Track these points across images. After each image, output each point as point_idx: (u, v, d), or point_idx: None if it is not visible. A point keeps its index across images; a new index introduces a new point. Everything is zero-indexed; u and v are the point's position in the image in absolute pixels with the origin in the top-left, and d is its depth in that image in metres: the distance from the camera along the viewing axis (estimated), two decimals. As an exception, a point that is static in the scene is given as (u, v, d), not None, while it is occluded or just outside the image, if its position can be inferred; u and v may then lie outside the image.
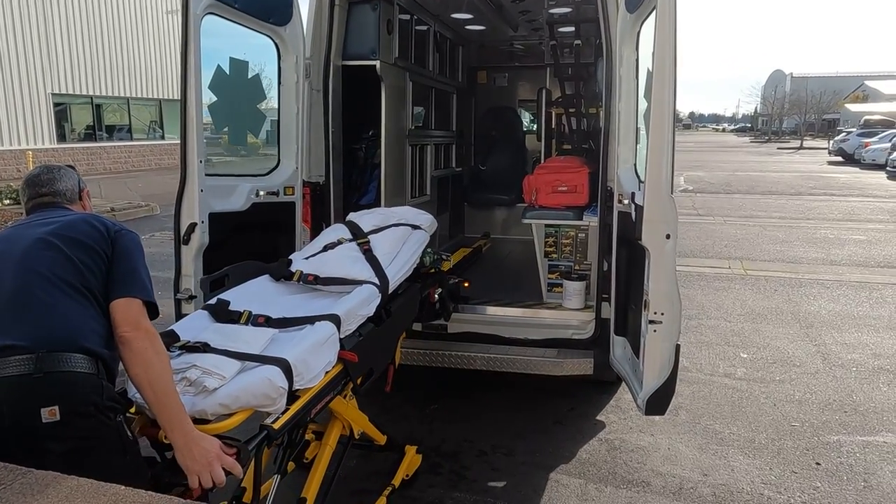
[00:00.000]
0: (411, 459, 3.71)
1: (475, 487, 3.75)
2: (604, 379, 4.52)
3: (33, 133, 22.14)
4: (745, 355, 5.88)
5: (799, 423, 4.55)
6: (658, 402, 3.14)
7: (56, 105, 23.03)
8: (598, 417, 4.64)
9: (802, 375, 5.40)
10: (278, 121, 4.25)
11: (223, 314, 2.66)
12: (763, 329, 6.62)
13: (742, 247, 11.00)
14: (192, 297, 3.57)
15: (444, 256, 4.10)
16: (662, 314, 3.08)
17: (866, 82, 66.64)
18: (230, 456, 2.01)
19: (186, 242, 3.55)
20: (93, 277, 2.06)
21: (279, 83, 4.22)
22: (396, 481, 3.52)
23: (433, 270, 3.82)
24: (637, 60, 3.79)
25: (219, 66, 3.79)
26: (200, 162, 3.52)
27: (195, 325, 2.56)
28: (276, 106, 4.24)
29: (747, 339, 6.30)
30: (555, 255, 4.78)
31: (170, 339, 2.33)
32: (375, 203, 4.99)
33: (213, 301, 2.74)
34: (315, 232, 4.52)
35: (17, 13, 20.91)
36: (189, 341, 2.35)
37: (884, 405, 4.83)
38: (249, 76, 4.07)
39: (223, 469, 1.97)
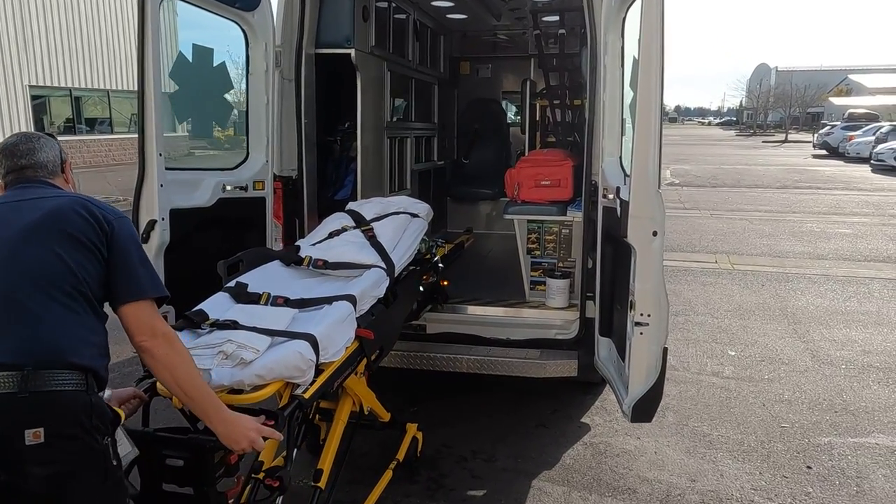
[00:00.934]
0: (414, 437, 3.77)
1: (454, 496, 3.58)
2: (589, 380, 4.36)
3: (10, 126, 21.58)
4: (733, 353, 5.75)
5: (789, 424, 4.42)
6: (644, 409, 2.98)
7: (34, 98, 22.50)
8: (582, 420, 4.49)
9: (791, 374, 5.28)
10: (247, 112, 4.03)
11: (243, 296, 2.77)
12: (751, 325, 6.50)
13: (729, 241, 10.90)
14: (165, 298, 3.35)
15: (439, 243, 4.27)
16: (649, 315, 2.91)
17: (850, 76, 67.05)
18: (268, 426, 2.16)
19: (146, 241, 3.32)
20: (87, 278, 1.91)
21: (247, 72, 4.00)
22: (401, 455, 3.61)
23: (428, 256, 3.90)
24: (622, 48, 3.61)
25: (181, 52, 3.57)
26: (160, 155, 3.29)
27: (220, 305, 2.66)
28: (244, 97, 4.02)
29: (735, 336, 6.18)
30: (538, 252, 4.60)
31: (199, 317, 2.47)
32: (352, 198, 4.78)
33: (231, 284, 2.85)
34: (287, 228, 4.34)
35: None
36: (218, 319, 2.47)
37: (875, 405, 4.71)
38: (215, 64, 3.85)
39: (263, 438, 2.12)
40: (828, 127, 37.69)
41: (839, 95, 60.67)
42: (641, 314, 2.93)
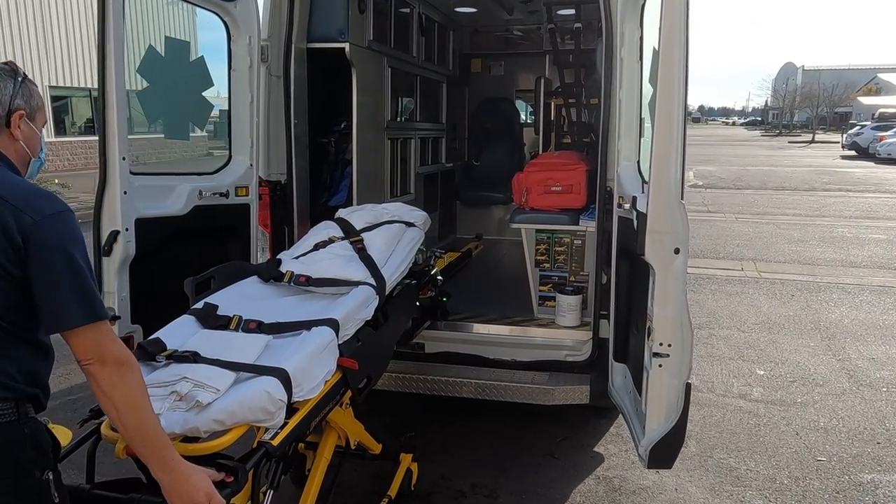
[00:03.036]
0: (408, 468, 3.47)
1: (449, 540, 3.22)
2: (602, 405, 3.96)
3: (34, 127, 21.64)
4: (762, 372, 5.31)
5: (826, 457, 3.99)
6: (663, 454, 2.59)
7: (56, 99, 22.48)
8: (595, 449, 4.09)
9: (827, 397, 4.83)
10: (229, 111, 3.70)
11: (211, 319, 2.49)
12: (780, 340, 6.05)
13: (755, 246, 10.39)
14: (115, 318, 3.04)
15: (437, 254, 3.95)
16: (669, 346, 2.52)
17: (879, 75, 65.41)
18: (226, 482, 1.84)
19: (108, 254, 3.01)
20: (3, 310, 1.59)
21: (229, 68, 3.67)
22: (393, 491, 3.29)
23: (426, 269, 3.62)
24: (641, 39, 3.22)
25: (151, 46, 3.24)
26: (123, 159, 2.98)
27: (182, 331, 2.37)
28: (226, 94, 3.69)
29: (763, 353, 5.73)
30: (547, 265, 4.21)
31: (155, 347, 2.19)
32: (347, 203, 4.44)
33: (199, 305, 2.55)
34: (276, 237, 4.01)
35: (12, 3, 20.41)
36: (177, 350, 2.19)
37: (922, 435, 4.26)
38: (191, 59, 3.52)
39: None
40: (857, 127, 36.70)
41: (868, 95, 59.20)
42: (661, 343, 2.54)
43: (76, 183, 14.56)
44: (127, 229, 3.03)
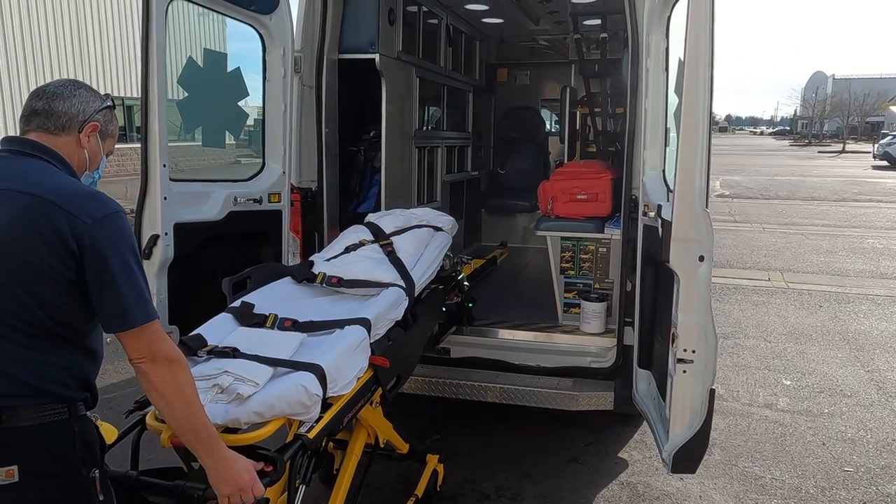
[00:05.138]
0: (434, 469, 3.53)
1: (473, 542, 3.27)
2: (626, 412, 3.99)
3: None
4: (788, 382, 5.28)
5: (853, 467, 3.96)
6: (687, 459, 2.62)
7: (89, 107, 23.11)
8: (619, 455, 4.11)
9: (855, 408, 4.79)
10: (263, 120, 3.82)
11: (248, 317, 2.58)
12: (808, 351, 6.00)
13: (783, 257, 10.29)
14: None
15: (464, 260, 4.01)
16: (693, 352, 2.56)
17: (913, 84, 64.13)
18: (265, 467, 1.93)
19: (147, 257, 3.12)
20: (58, 314, 1.66)
21: (264, 78, 3.78)
22: (419, 491, 3.35)
23: (453, 274, 3.70)
24: (667, 50, 3.27)
25: (190, 58, 3.37)
26: (164, 166, 3.09)
27: (221, 328, 2.47)
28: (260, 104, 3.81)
29: (790, 363, 5.69)
30: (572, 272, 4.25)
31: (197, 343, 2.29)
32: (375, 210, 4.53)
33: (236, 304, 2.66)
34: (306, 242, 4.12)
35: (50, 17, 21.02)
36: (217, 346, 2.30)
37: (952, 448, 4.21)
38: (229, 70, 3.64)
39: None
40: (889, 136, 36.00)
41: (901, 104, 58.03)
42: (685, 350, 2.58)
43: (108, 189, 14.86)
44: (166, 233, 3.14)
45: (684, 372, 2.59)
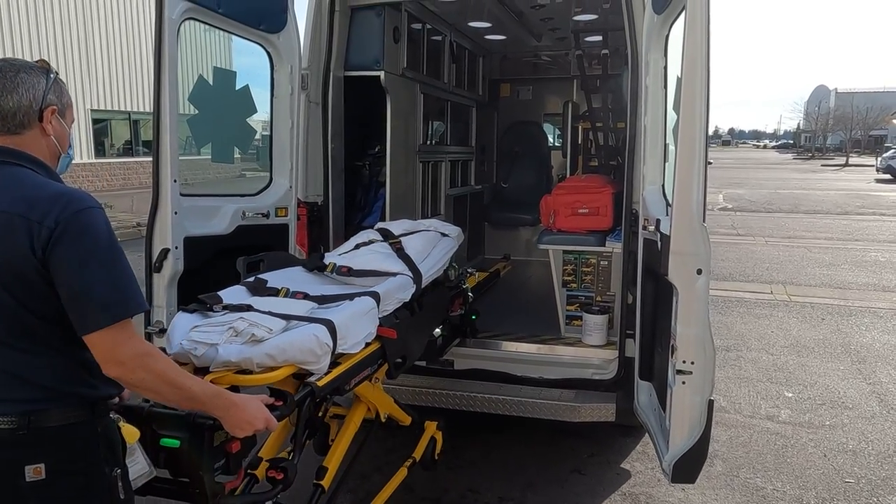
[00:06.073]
0: (433, 436, 3.66)
1: (477, 551, 3.31)
2: (628, 423, 4.02)
3: (75, 149, 22.38)
4: (790, 394, 5.31)
5: (854, 479, 3.99)
6: (687, 469, 2.66)
7: (96, 122, 23.30)
8: (622, 465, 4.15)
9: (856, 420, 4.82)
10: (270, 136, 3.91)
11: (262, 290, 2.68)
12: (810, 363, 6.03)
13: (785, 270, 10.33)
14: (163, 331, 3.22)
15: (469, 272, 4.07)
16: (692, 363, 2.61)
17: (916, 97, 64.27)
18: (275, 402, 2.03)
19: (158, 270, 3.21)
20: (63, 321, 1.63)
21: (272, 95, 3.89)
22: (417, 454, 3.49)
23: (458, 284, 3.79)
24: (665, 68, 3.35)
25: (201, 76, 3.46)
26: (174, 181, 3.18)
27: (235, 295, 2.60)
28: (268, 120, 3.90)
29: (792, 375, 5.72)
30: (574, 285, 4.31)
31: (213, 300, 2.43)
32: (380, 224, 4.61)
33: (250, 279, 2.77)
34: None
35: (58, 31, 21.29)
36: (233, 303, 2.43)
37: (953, 459, 4.23)
38: (237, 87, 3.73)
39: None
40: (892, 150, 36.06)
41: (904, 117, 58.14)
42: (684, 361, 2.63)
43: (115, 202, 15.03)
44: (176, 247, 3.22)
45: (683, 383, 2.64)
